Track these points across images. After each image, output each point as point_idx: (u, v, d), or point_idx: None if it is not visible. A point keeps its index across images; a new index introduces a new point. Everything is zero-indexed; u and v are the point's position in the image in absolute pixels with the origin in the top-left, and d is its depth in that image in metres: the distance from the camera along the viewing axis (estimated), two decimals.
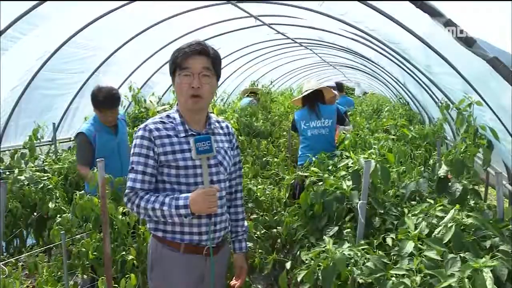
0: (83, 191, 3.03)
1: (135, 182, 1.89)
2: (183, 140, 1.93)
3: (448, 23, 2.27)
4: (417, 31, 3.70)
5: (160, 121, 1.95)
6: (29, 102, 4.90)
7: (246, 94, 7.09)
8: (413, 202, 2.70)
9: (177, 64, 1.90)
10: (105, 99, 3.40)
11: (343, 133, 4.11)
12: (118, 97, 3.49)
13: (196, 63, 1.87)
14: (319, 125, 4.46)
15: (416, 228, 2.17)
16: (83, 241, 2.75)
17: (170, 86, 7.65)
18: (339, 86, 7.41)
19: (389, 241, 2.25)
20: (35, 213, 3.63)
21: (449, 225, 2.06)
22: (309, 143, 4.47)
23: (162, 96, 7.49)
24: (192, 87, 1.87)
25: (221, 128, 2.12)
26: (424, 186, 2.72)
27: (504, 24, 2.12)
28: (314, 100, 4.52)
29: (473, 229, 2.13)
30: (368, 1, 3.63)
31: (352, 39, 6.31)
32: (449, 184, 2.63)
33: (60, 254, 2.98)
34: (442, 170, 2.67)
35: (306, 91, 4.59)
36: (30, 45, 4.43)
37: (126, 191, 1.91)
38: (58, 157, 4.60)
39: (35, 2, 3.83)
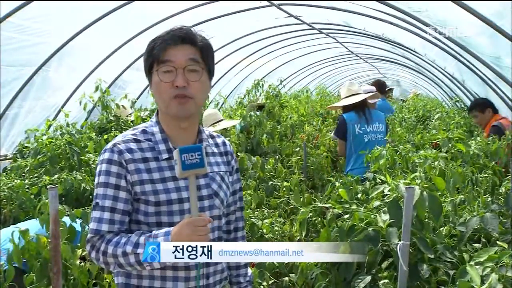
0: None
1: (100, 223, 1.83)
2: (165, 165, 1.89)
3: None
4: (481, 11, 3.67)
5: (134, 138, 1.91)
6: None
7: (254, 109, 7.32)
8: (476, 245, 2.67)
9: (154, 57, 1.87)
10: None
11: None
12: None
13: (179, 54, 1.85)
14: (375, 129, 4.94)
15: (483, 282, 2.12)
16: None
17: (147, 86, 7.65)
18: (380, 86, 7.13)
19: None
20: None
21: None
22: (365, 150, 4.59)
23: (137, 99, 7.53)
24: (176, 86, 1.84)
25: (216, 145, 2.08)
26: (493, 223, 2.68)
27: None
28: (362, 104, 5.00)
29: None
30: None
31: (391, 22, 6.32)
32: None
33: None
34: None
35: (350, 96, 5.05)
36: None
37: (89, 235, 1.84)
38: None
39: None
